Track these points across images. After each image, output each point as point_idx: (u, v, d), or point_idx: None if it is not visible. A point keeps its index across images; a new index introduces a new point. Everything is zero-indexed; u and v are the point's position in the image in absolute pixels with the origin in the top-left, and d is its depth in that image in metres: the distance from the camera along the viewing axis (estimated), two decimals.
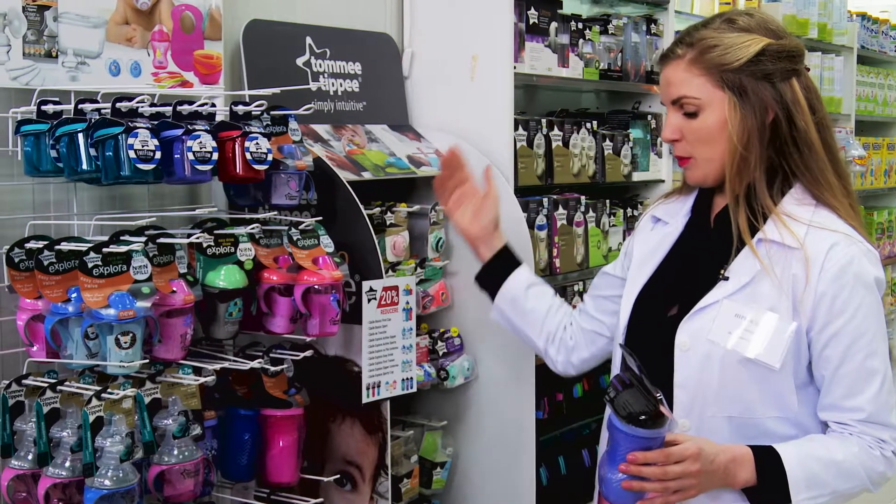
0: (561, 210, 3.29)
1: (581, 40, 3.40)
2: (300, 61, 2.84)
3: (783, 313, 1.91)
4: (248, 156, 2.27)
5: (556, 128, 3.29)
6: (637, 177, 3.66)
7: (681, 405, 1.97)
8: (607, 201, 3.53)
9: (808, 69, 2.03)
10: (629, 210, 3.63)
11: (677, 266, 2.08)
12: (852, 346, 1.89)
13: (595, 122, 3.48)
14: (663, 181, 3.77)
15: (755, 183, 1.99)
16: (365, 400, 2.52)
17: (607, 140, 3.50)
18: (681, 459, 1.81)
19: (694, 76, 1.97)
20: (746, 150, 1.94)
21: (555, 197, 3.30)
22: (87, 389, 2.10)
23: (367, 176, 2.73)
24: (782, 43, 1.97)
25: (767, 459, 1.90)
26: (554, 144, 3.27)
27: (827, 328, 1.89)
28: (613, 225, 3.54)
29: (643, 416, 1.77)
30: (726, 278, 1.97)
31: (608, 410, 1.85)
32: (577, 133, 3.38)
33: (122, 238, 2.13)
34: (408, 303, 2.60)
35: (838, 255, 1.90)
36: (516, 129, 3.11)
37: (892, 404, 1.93)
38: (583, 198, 3.40)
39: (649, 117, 3.72)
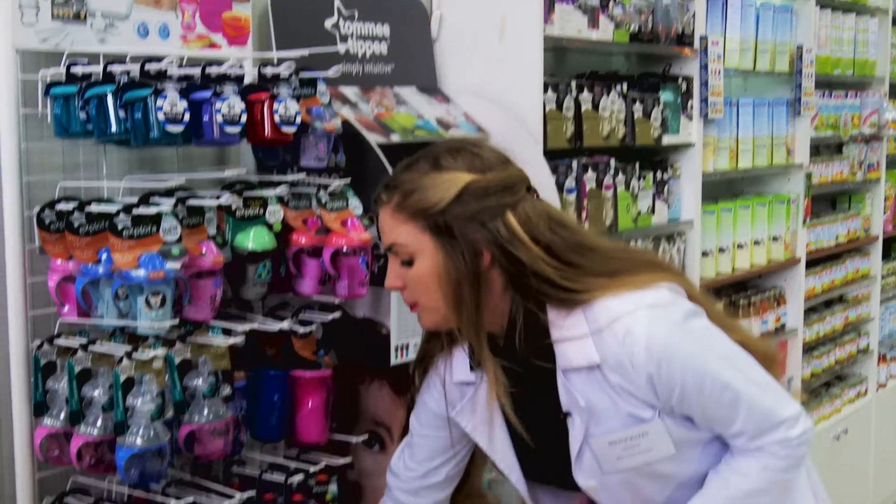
0: (590, 173, 3.28)
1: (611, 2, 3.36)
2: (328, 23, 2.84)
3: (641, 414, 1.84)
4: (276, 118, 2.27)
5: (585, 90, 3.27)
6: (667, 140, 3.64)
7: None
8: (637, 164, 3.51)
9: (535, 191, 1.89)
10: (659, 173, 3.60)
11: (523, 421, 1.94)
12: (701, 397, 1.82)
13: (625, 85, 3.46)
14: (693, 144, 3.74)
15: (514, 318, 1.87)
16: (394, 362, 2.53)
17: (637, 103, 3.48)
18: None
19: (399, 223, 1.84)
20: (457, 300, 1.82)
21: (584, 160, 3.28)
22: (117, 350, 2.12)
23: (395, 139, 2.72)
24: (490, 177, 1.83)
25: None
26: (583, 107, 3.25)
27: (672, 397, 1.83)
28: (643, 188, 3.53)
29: None
30: (568, 413, 1.89)
31: None
32: (607, 96, 3.36)
33: (151, 200, 2.14)
34: None
35: (633, 339, 1.79)
36: (546, 91, 3.09)
37: (770, 407, 1.85)
38: (612, 161, 3.39)
39: (680, 80, 3.69)
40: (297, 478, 2.43)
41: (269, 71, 2.35)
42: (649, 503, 1.92)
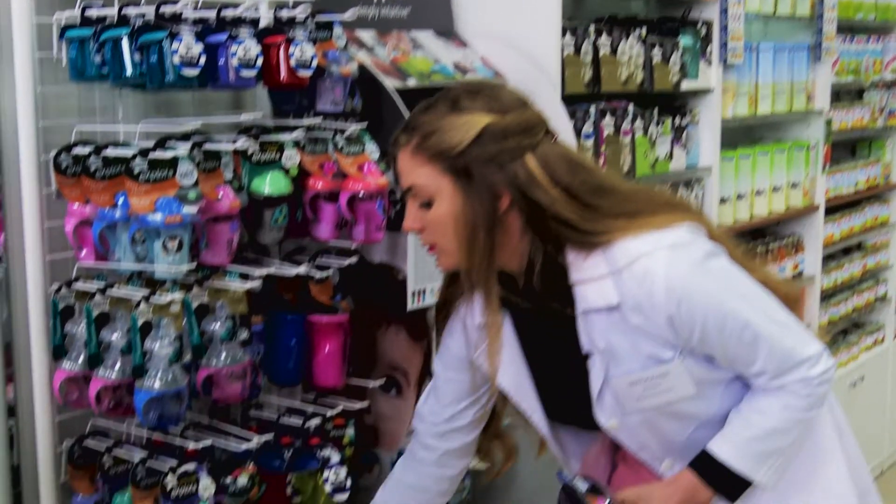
0: (608, 119, 3.25)
1: None
2: None
3: (662, 355, 1.83)
4: (292, 61, 2.26)
5: (604, 35, 3.24)
6: (686, 85, 3.61)
7: (653, 456, 1.95)
8: (655, 110, 3.48)
9: (555, 137, 1.87)
10: (677, 119, 3.58)
11: (545, 362, 1.98)
12: (722, 336, 1.81)
13: (644, 30, 3.42)
14: (712, 90, 3.71)
15: (533, 261, 1.86)
16: (410, 307, 2.53)
17: (656, 48, 3.44)
18: None
19: (418, 165, 1.83)
20: (471, 242, 1.81)
21: (602, 105, 3.26)
22: (135, 293, 2.13)
23: (412, 83, 2.71)
24: (509, 119, 1.82)
25: (713, 469, 1.88)
26: (602, 52, 3.22)
27: (692, 336, 1.82)
28: (661, 134, 3.50)
29: None
30: (588, 356, 1.89)
31: None
32: (626, 40, 3.32)
33: (167, 144, 2.13)
34: None
35: (652, 280, 1.79)
36: (564, 36, 3.06)
37: (791, 346, 1.85)
38: (630, 106, 3.36)
39: (700, 25, 3.65)
40: (315, 422, 2.44)
41: (284, 14, 2.33)
42: (670, 443, 1.92)
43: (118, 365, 2.14)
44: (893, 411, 5.23)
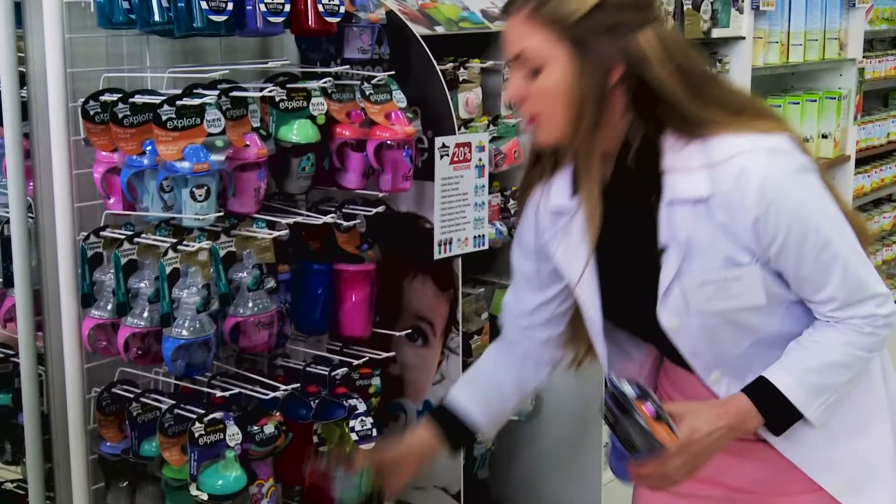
0: None
1: None
2: None
3: (739, 258, 1.81)
4: (320, 7, 2.24)
5: None
6: (717, 33, 3.56)
7: (702, 367, 1.92)
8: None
9: (668, 12, 1.85)
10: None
11: (613, 255, 1.93)
12: (801, 251, 1.79)
13: None
14: (743, 38, 3.66)
15: (629, 141, 1.84)
16: (437, 256, 2.52)
17: None
18: (677, 453, 1.81)
19: (532, 30, 1.78)
20: (580, 112, 1.77)
21: None
22: (163, 241, 2.13)
23: (440, 30, 2.68)
24: None
25: (766, 396, 1.87)
26: None
27: (772, 246, 1.79)
28: None
29: (642, 451, 1.78)
30: (664, 249, 1.86)
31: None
32: None
33: (195, 91, 2.12)
34: (480, 160, 2.58)
35: (749, 180, 1.76)
36: None
37: (866, 279, 1.83)
38: None
39: None
40: (341, 371, 2.45)
41: None
42: (723, 355, 1.91)
43: (146, 313, 2.14)
44: None
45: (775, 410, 1.86)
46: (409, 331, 2.64)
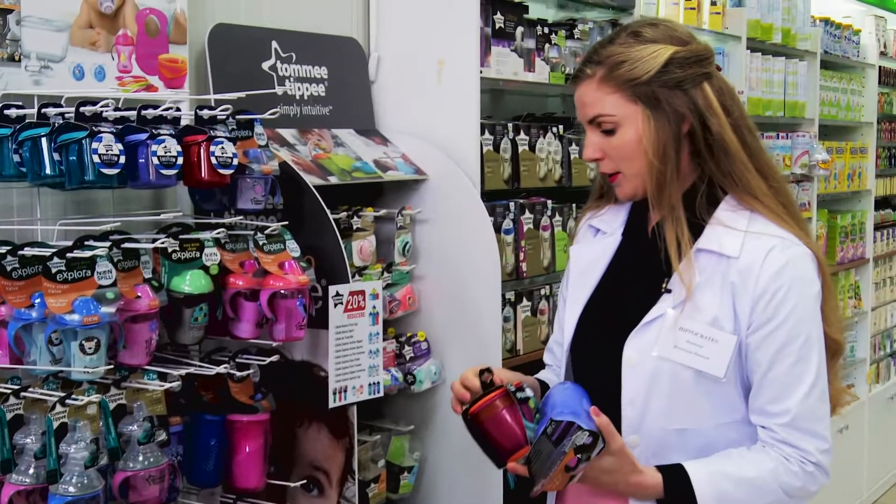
0: (527, 214, 3.30)
1: (547, 45, 3.41)
2: (266, 65, 2.84)
3: (725, 323, 1.91)
4: (213, 160, 2.26)
5: (522, 132, 3.30)
6: None
7: (629, 422, 1.96)
8: (574, 205, 3.54)
9: (720, 69, 2.03)
10: None
11: (619, 279, 2.06)
12: (783, 350, 1.88)
13: (561, 127, 3.49)
14: None
15: (687, 193, 1.98)
16: (332, 405, 2.51)
17: (573, 144, 3.52)
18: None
19: (606, 94, 1.95)
20: (663, 163, 1.93)
21: (521, 201, 3.30)
22: (50, 395, 2.09)
23: (333, 180, 2.72)
24: (689, 48, 1.96)
25: (676, 479, 1.91)
26: (520, 149, 3.28)
27: (760, 330, 1.89)
28: None
29: (535, 473, 1.89)
30: (668, 291, 1.97)
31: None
32: (544, 137, 3.39)
33: (86, 243, 2.11)
34: (374, 307, 2.60)
35: (775, 258, 1.89)
36: (483, 133, 3.11)
37: (821, 415, 1.91)
38: (549, 202, 3.41)
39: None
40: None
41: (206, 113, 2.34)
42: (654, 417, 1.96)
43: (32, 469, 2.08)
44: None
45: (677, 496, 1.91)
46: (304, 481, 2.61)
